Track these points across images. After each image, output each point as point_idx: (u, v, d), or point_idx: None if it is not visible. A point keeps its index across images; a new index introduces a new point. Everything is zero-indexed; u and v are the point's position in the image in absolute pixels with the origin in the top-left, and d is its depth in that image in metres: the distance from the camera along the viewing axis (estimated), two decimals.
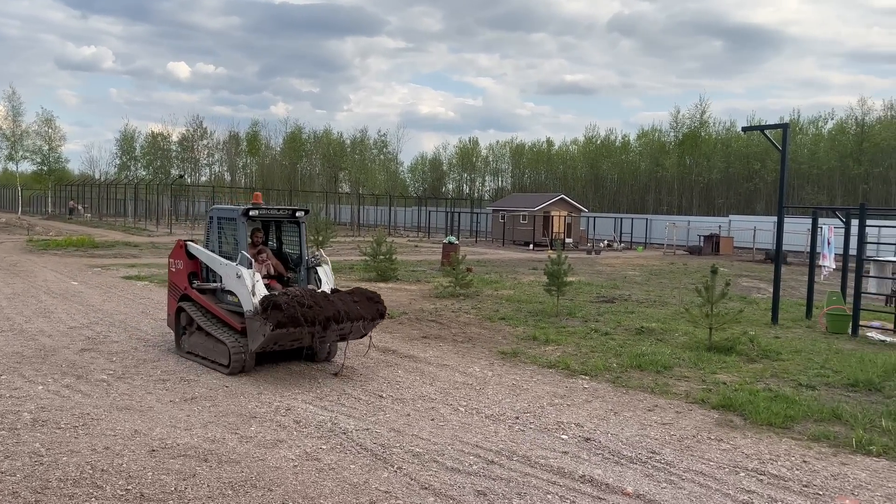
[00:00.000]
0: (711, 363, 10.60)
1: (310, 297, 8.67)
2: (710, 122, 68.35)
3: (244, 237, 9.40)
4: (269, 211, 9.94)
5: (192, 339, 9.99)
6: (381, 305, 9.48)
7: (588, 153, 78.10)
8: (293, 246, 10.58)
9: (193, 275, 10.21)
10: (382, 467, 6.12)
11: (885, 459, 6.72)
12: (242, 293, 8.87)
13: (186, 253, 10.25)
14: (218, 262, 9.57)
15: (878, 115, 57.51)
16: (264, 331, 8.41)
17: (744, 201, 62.61)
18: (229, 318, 9.35)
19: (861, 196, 51.88)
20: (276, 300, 8.37)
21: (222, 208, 10.15)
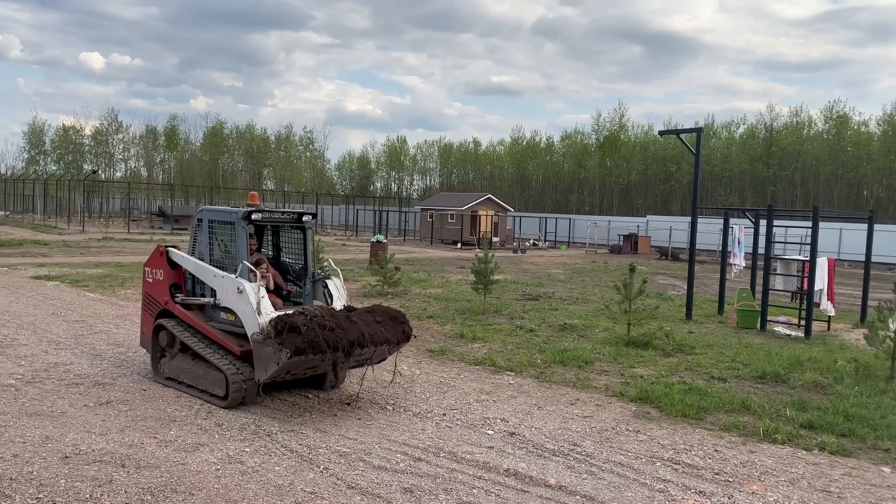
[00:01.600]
0: (630, 358, 10.99)
1: (330, 318, 7.27)
2: (630, 126, 70.81)
3: (244, 245, 7.96)
4: (273, 214, 8.49)
5: (176, 363, 8.43)
6: (407, 326, 8.17)
7: (514, 154, 79.32)
8: (293, 255, 9.11)
9: (175, 287, 8.65)
10: (308, 468, 6.07)
11: (789, 447, 7.14)
12: (245, 311, 7.48)
13: (168, 261, 8.64)
14: (211, 274, 8.03)
15: (785, 120, 60.89)
16: (279, 358, 6.92)
17: (661, 202, 65.03)
18: (224, 340, 7.88)
19: (769, 197, 54.79)
20: (293, 321, 6.96)
21: (215, 210, 8.52)
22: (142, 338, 9.22)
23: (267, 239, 9.32)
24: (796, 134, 58.74)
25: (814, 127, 59.31)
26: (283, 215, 8.61)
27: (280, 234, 9.23)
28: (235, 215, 8.02)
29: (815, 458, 6.82)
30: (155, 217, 55.70)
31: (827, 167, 55.46)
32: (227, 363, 7.67)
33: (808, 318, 13.78)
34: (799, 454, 6.93)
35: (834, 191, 55.74)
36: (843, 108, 58.53)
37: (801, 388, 9.36)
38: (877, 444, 7.21)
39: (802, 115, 60.14)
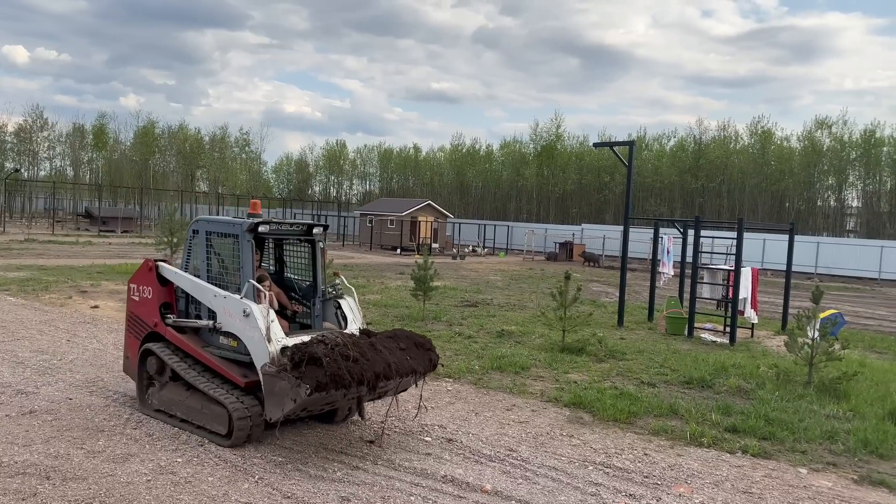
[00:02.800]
0: (564, 363, 11.23)
1: (354, 347, 6.40)
2: (566, 136, 72.22)
3: (250, 261, 6.94)
4: (282, 226, 7.50)
5: (167, 393, 7.42)
6: (434, 354, 7.28)
7: (454, 161, 79.74)
8: (299, 270, 8.12)
9: (166, 306, 7.64)
10: (243, 478, 5.98)
11: (714, 450, 7.46)
12: (253, 338, 6.52)
13: (157, 277, 7.62)
14: (210, 293, 7.04)
15: (713, 134, 63.29)
16: (297, 395, 5.98)
17: (595, 211, 66.56)
18: (225, 369, 6.90)
19: (697, 209, 56.83)
20: (314, 352, 6.07)
21: (214, 220, 7.44)
22: (125, 363, 8.13)
23: (268, 252, 8.27)
24: (723, 147, 61.13)
25: (740, 141, 61.87)
26: (292, 227, 7.67)
27: (284, 247, 8.23)
28: (239, 227, 7.01)
29: (739, 461, 7.15)
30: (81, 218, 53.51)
31: (752, 180, 57.93)
32: (231, 397, 6.67)
33: (732, 325, 14.38)
34: (723, 457, 7.25)
35: (758, 203, 58.26)
36: (767, 123, 61.35)
37: (725, 393, 9.78)
38: (795, 447, 7.60)
39: (729, 129, 62.69)
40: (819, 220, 57.27)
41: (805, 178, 56.87)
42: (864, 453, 7.47)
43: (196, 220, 7.60)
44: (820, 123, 57.49)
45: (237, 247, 7.06)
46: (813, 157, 56.52)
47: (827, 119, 57.56)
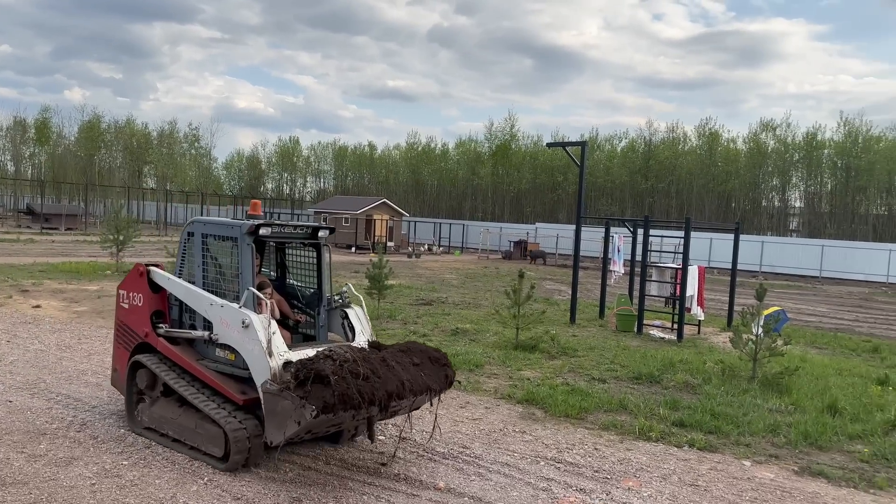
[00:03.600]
0: (518, 361, 11.34)
1: (364, 363, 5.78)
2: (520, 136, 72.87)
3: (250, 266, 6.32)
4: (285, 229, 6.87)
5: (158, 410, 6.78)
6: (450, 370, 6.71)
7: (410, 159, 79.62)
8: (304, 277, 7.48)
9: (158, 314, 7.08)
10: (192, 480, 5.87)
11: (662, 444, 7.63)
12: (253, 352, 5.95)
13: (149, 283, 7.06)
14: (206, 302, 6.46)
15: (662, 136, 64.71)
16: (301, 417, 5.38)
17: (549, 210, 67.34)
18: (222, 385, 6.29)
19: (647, 208, 58.01)
20: (320, 369, 5.47)
21: (211, 222, 6.82)
22: (113, 376, 7.52)
23: (269, 256, 7.70)
24: (672, 149, 62.52)
25: (688, 142, 63.38)
26: (296, 230, 7.01)
27: (286, 251, 7.66)
28: (238, 229, 6.41)
29: (685, 454, 7.33)
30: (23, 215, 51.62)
31: (699, 180, 59.40)
32: (227, 415, 6.08)
33: (680, 322, 14.74)
34: (671, 451, 7.42)
35: (705, 203, 59.77)
36: (714, 125, 63.00)
37: (673, 389, 10.01)
38: (739, 440, 7.83)
39: (678, 130, 64.15)
40: (764, 220, 59.09)
41: (750, 179, 58.59)
42: (804, 445, 7.74)
43: (191, 221, 6.99)
44: (765, 126, 59.35)
45: (236, 251, 6.45)
46: (758, 159, 58.27)
47: (771, 122, 59.52)
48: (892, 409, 9.08)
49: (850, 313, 23.21)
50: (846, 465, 7.20)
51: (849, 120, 55.87)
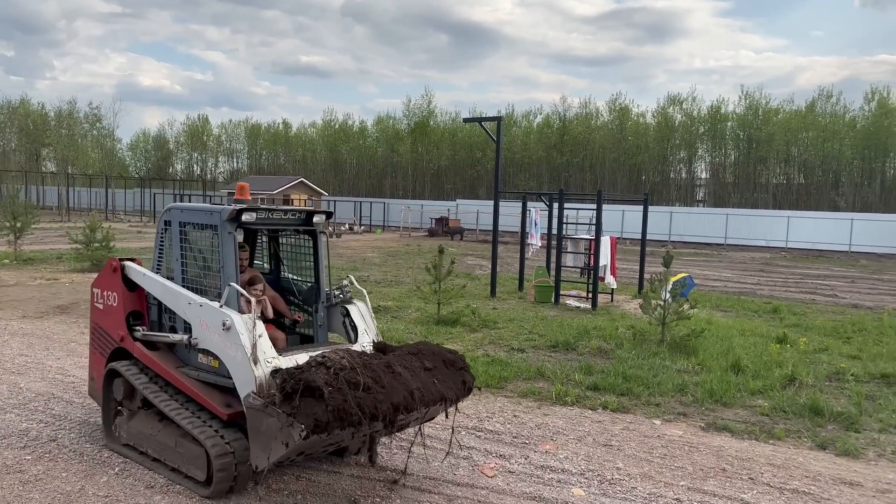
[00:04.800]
0: (440, 335, 11.43)
1: (364, 370, 4.89)
2: (438, 113, 72.95)
3: (233, 259, 5.47)
4: (272, 214, 5.92)
5: (137, 425, 5.98)
6: (468, 374, 5.75)
7: (327, 137, 78.30)
8: (301, 270, 6.61)
9: (136, 315, 6.26)
10: (101, 471, 5.64)
11: (577, 408, 7.89)
12: (235, 359, 5.09)
13: (124, 280, 6.27)
14: (183, 300, 5.64)
15: (576, 111, 66.18)
16: (288, 437, 4.53)
17: (469, 187, 67.88)
18: (204, 396, 5.44)
19: (563, 183, 59.34)
20: (310, 379, 4.58)
21: (189, 208, 5.99)
22: (90, 385, 6.72)
23: (261, 247, 6.95)
24: (585, 124, 64.09)
25: (600, 118, 65.11)
26: (286, 215, 6.06)
27: (279, 240, 6.79)
28: (218, 216, 5.56)
29: (599, 417, 7.61)
30: None
31: (612, 154, 61.20)
32: (210, 433, 5.24)
33: (594, 291, 15.21)
34: (586, 413, 7.69)
35: (618, 176, 61.67)
36: (624, 100, 64.99)
37: (588, 355, 10.35)
38: (650, 401, 8.19)
39: (591, 106, 65.82)
40: (672, 192, 61.57)
41: (659, 152, 60.82)
42: (710, 403, 8.17)
43: (168, 208, 6.12)
44: (672, 100, 61.64)
45: (217, 240, 5.61)
46: (666, 133, 60.50)
47: (678, 96, 61.81)
48: (789, 365, 9.70)
49: (753, 277, 24.57)
50: (748, 419, 7.66)
51: (749, 93, 58.86)
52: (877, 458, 6.68)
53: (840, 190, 53.66)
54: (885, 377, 9.50)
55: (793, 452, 6.75)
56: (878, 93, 54.72)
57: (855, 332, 13.02)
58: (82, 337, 10.81)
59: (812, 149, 54.50)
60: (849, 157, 52.98)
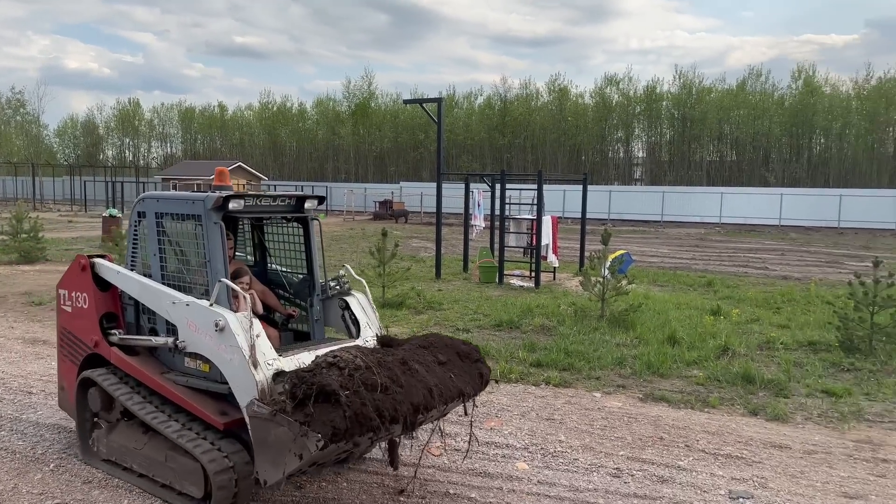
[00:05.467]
0: (385, 318, 11.41)
1: (380, 368, 4.49)
2: (379, 94, 72.25)
3: (220, 251, 4.98)
4: (261, 201, 5.48)
5: (118, 438, 5.44)
6: (484, 366, 5.41)
7: (265, 120, 76.62)
8: (289, 260, 6.15)
9: (109, 318, 5.72)
10: (35, 468, 5.46)
11: (521, 384, 8.03)
12: (231, 363, 4.62)
13: (95, 279, 5.70)
14: (167, 300, 5.11)
15: (517, 92, 66.54)
16: (303, 448, 4.09)
17: (413, 169, 67.63)
18: (195, 405, 4.94)
19: (505, 164, 59.77)
20: (325, 383, 4.15)
21: (168, 197, 5.50)
22: (60, 395, 6.16)
23: (244, 236, 6.36)
24: (526, 105, 64.55)
25: (540, 98, 65.67)
26: (276, 201, 5.61)
27: (263, 228, 6.26)
28: (202, 204, 5.07)
29: (542, 392, 7.77)
30: None
31: (552, 135, 61.87)
32: (206, 446, 4.72)
33: (536, 270, 15.44)
34: (529, 389, 7.84)
35: (559, 156, 62.44)
36: (563, 81, 65.62)
37: (531, 332, 10.53)
38: (591, 374, 8.40)
39: (531, 87, 66.27)
40: (611, 171, 62.75)
41: (598, 132, 61.82)
42: (647, 374, 8.43)
43: (141, 198, 5.59)
44: (609, 81, 62.57)
45: (201, 232, 5.10)
46: (604, 113, 61.50)
47: (615, 76, 62.80)
48: (722, 336, 10.08)
49: (688, 252, 25.36)
50: (684, 389, 7.94)
51: (683, 73, 60.26)
52: (804, 422, 7.03)
53: (770, 166, 55.66)
54: (812, 344, 9.99)
55: (726, 419, 7.04)
56: (804, 71, 56.87)
57: (784, 302, 13.61)
58: (11, 332, 10.39)
59: (743, 126, 56.27)
60: (777, 135, 54.93)
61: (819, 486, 5.57)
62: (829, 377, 8.45)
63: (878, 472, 5.86)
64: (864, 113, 51.94)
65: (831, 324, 10.10)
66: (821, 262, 22.69)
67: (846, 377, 8.49)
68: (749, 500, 5.30)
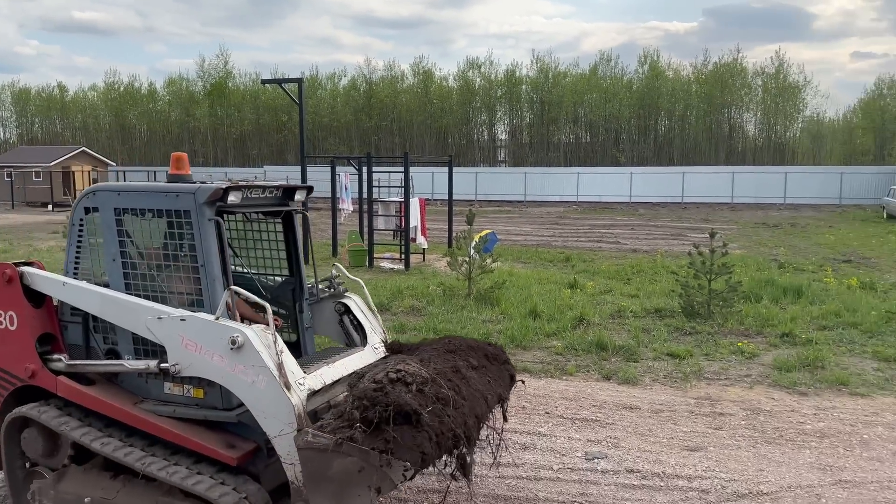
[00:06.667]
0: None
1: (438, 377, 4.02)
2: (237, 74, 69.32)
3: (216, 252, 4.25)
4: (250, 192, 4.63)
5: (72, 486, 4.42)
6: (511, 367, 5.15)
7: (111, 101, 71.26)
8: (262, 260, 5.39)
9: (47, 340, 4.63)
10: None
11: None
12: (255, 386, 3.88)
13: (27, 293, 4.60)
14: (148, 314, 4.18)
15: (381, 74, 66.19)
16: (383, 479, 3.48)
17: (276, 152, 65.66)
18: (196, 440, 4.14)
19: (373, 146, 59.48)
20: (403, 402, 3.60)
21: (134, 190, 4.51)
22: None
23: None
24: (392, 87, 64.42)
25: (406, 81, 65.76)
26: (265, 192, 4.77)
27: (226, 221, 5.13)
28: (191, 198, 4.24)
29: None
30: None
31: (418, 117, 62.24)
32: (222, 489, 3.91)
33: (406, 252, 15.60)
34: None
35: (426, 139, 62.97)
36: (427, 64, 66.08)
37: (402, 313, 10.66)
38: None
39: (395, 69, 66.15)
40: (476, 153, 64.20)
41: (462, 115, 62.93)
42: (512, 347, 8.81)
43: (91, 191, 4.57)
44: (471, 64, 63.75)
45: (188, 232, 4.27)
46: (468, 96, 62.66)
47: (476, 60, 64.08)
48: (578, 307, 10.71)
49: (549, 230, 26.55)
50: (545, 360, 8.38)
51: (540, 57, 62.56)
52: (651, 383, 7.65)
53: (621, 146, 59.17)
54: (658, 311, 10.84)
55: (583, 385, 7.52)
56: (649, 56, 60.77)
57: (634, 273, 14.64)
58: None
59: (596, 109, 59.31)
60: (627, 117, 58.42)
61: (665, 442, 6.10)
62: (673, 341, 9.23)
63: (716, 425, 6.51)
64: (702, 96, 56.35)
65: (674, 292, 11.01)
66: (666, 235, 24.55)
67: (688, 340, 9.31)
68: (603, 460, 5.72)
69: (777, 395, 7.27)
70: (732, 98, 56.65)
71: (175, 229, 4.36)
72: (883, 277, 14.05)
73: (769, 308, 10.77)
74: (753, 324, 9.95)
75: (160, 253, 4.51)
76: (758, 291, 11.73)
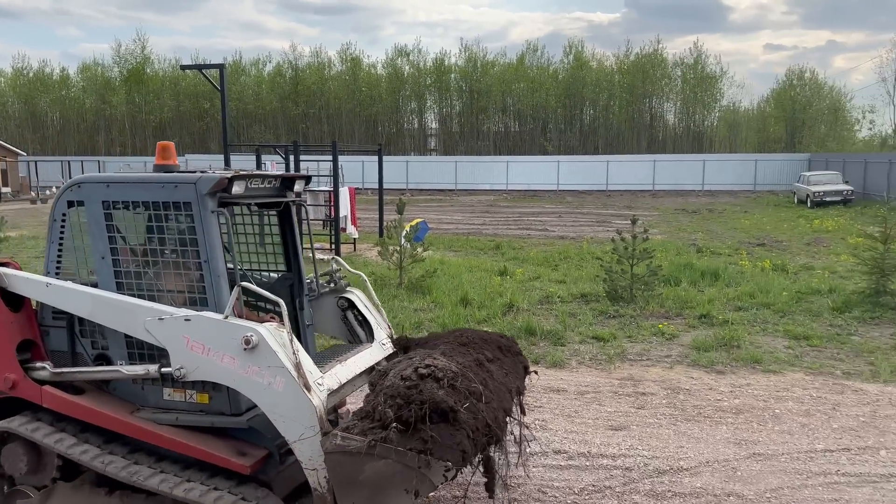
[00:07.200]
0: None
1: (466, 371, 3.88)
2: (156, 59, 66.73)
3: (219, 246, 3.99)
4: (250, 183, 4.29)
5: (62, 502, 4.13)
6: (524, 358, 5.04)
7: (19, 87, 67.35)
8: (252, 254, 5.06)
9: (28, 347, 4.26)
10: None
11: None
12: (272, 388, 3.66)
13: (3, 296, 4.22)
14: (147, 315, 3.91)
15: (308, 60, 64.97)
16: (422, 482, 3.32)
17: (198, 140, 63.62)
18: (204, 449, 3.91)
19: (301, 135, 58.42)
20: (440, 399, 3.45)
21: (127, 181, 4.16)
22: None
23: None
24: (319, 74, 63.34)
25: (333, 68, 64.78)
26: (264, 183, 4.46)
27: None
28: (192, 189, 3.95)
29: None
30: None
31: (347, 105, 61.46)
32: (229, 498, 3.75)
33: (336, 242, 15.45)
34: None
35: (355, 127, 62.27)
36: (355, 51, 65.27)
37: None
38: None
39: (323, 55, 65.06)
40: (407, 142, 63.98)
41: (392, 103, 62.54)
42: None
43: (74, 182, 4.23)
44: (400, 52, 63.36)
45: (188, 226, 4.01)
46: (397, 84, 62.30)
47: (405, 48, 63.73)
48: (508, 294, 10.88)
49: (480, 218, 26.80)
50: None
51: (469, 47, 62.76)
52: (578, 366, 7.87)
53: (548, 135, 60.14)
54: (584, 296, 11.13)
55: None
56: (574, 47, 61.89)
57: (561, 260, 14.97)
58: None
59: (524, 99, 60.00)
60: (553, 106, 59.37)
61: (591, 423, 6.30)
62: (598, 324, 9.51)
63: (639, 404, 6.75)
64: (625, 86, 57.82)
65: (599, 277, 11.33)
66: (592, 222, 25.18)
67: (612, 323, 9.61)
68: (531, 442, 5.84)
69: (696, 374, 7.60)
70: (653, 88, 58.37)
71: (174, 223, 4.13)
72: (794, 260, 14.85)
73: (688, 291, 11.23)
74: (673, 306, 10.35)
75: (156, 249, 4.20)
76: (677, 275, 12.20)
